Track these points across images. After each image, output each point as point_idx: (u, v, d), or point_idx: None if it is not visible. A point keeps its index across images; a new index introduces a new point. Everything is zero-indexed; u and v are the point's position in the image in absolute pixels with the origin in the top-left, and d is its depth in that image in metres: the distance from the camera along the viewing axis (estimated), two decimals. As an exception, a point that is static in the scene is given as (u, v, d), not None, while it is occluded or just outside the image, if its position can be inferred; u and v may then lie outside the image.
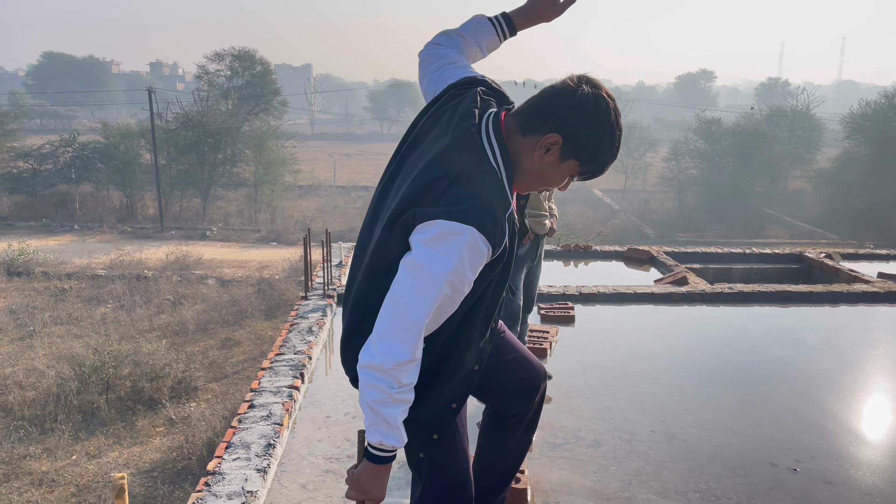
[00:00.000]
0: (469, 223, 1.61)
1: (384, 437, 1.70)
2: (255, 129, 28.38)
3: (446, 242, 1.62)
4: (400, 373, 1.65)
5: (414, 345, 1.65)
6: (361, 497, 1.79)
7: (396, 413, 1.68)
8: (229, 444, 3.20)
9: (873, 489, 3.12)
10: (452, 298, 1.70)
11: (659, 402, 4.00)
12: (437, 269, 1.62)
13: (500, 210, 1.68)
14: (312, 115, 73.92)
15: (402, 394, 1.67)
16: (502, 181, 1.71)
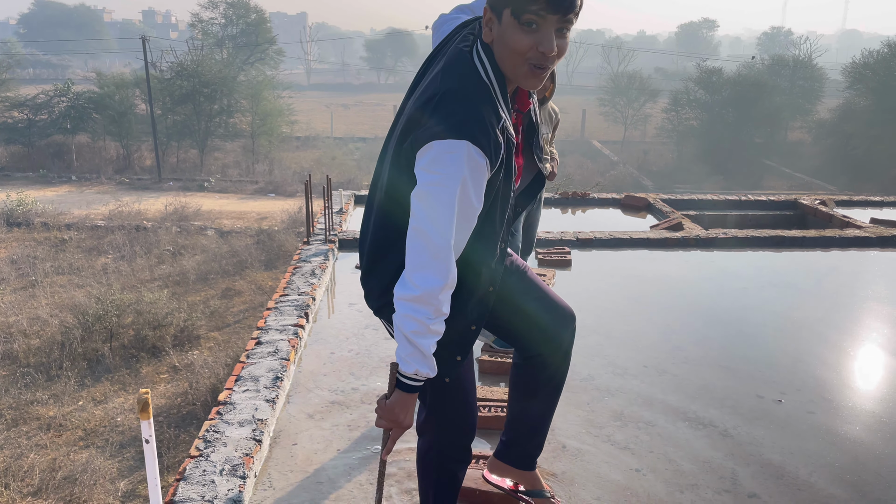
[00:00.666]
0: (462, 137, 1.61)
1: (419, 367, 1.75)
2: (250, 79, 28.12)
3: (445, 163, 1.63)
4: (439, 302, 1.69)
5: (446, 270, 1.68)
6: (392, 425, 1.87)
7: (430, 343, 1.74)
8: (239, 377, 3.33)
9: (853, 417, 3.27)
10: (467, 216, 1.70)
11: (651, 340, 4.13)
12: (444, 191, 1.63)
13: (491, 121, 1.66)
14: (308, 65, 72.94)
15: (437, 324, 1.72)
16: (492, 94, 1.69)
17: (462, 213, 1.68)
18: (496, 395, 3.24)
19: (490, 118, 1.66)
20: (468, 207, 1.68)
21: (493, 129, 1.66)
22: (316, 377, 3.59)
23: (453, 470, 2.08)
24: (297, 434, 3.06)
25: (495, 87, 1.70)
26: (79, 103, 25.05)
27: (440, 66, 1.76)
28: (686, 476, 2.80)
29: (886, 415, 3.31)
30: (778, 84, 31.19)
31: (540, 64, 1.64)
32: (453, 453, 2.07)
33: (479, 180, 1.67)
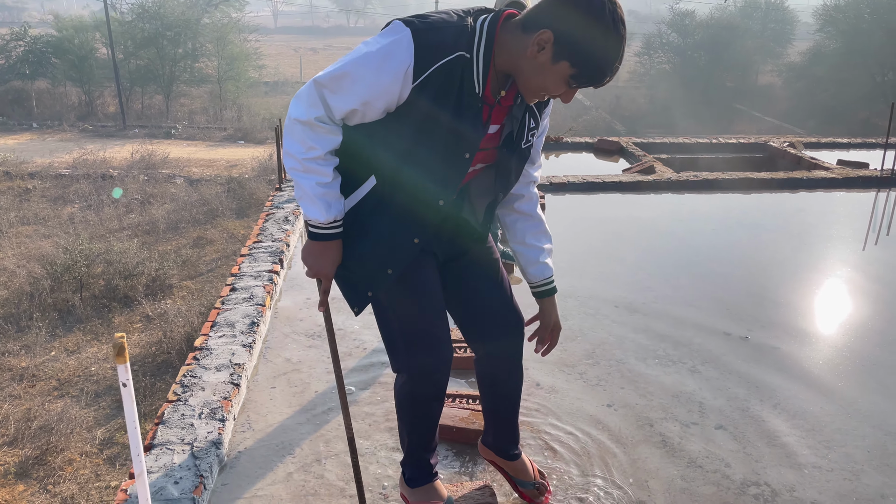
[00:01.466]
0: (406, 26, 1.66)
1: (306, 210, 1.79)
2: (215, 22, 27.21)
3: (382, 34, 1.70)
4: (302, 129, 1.71)
5: (310, 105, 1.70)
6: (311, 272, 1.90)
7: (311, 184, 1.75)
8: (214, 323, 3.33)
9: (816, 353, 3.39)
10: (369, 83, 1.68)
11: (623, 281, 4.20)
12: (363, 48, 1.69)
13: (447, 40, 1.67)
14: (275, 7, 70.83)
15: (310, 161, 1.73)
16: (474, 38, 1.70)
17: (367, 77, 1.67)
18: (471, 337, 3.28)
19: (447, 38, 1.68)
20: (372, 79, 1.67)
21: (444, 46, 1.67)
22: (292, 322, 3.60)
23: (426, 407, 2.06)
24: (276, 378, 3.09)
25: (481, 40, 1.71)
26: (37, 47, 24.13)
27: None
28: (655, 410, 2.89)
29: (847, 349, 3.42)
30: (750, 27, 31.08)
31: (549, 96, 1.78)
32: (424, 388, 2.02)
33: (391, 69, 1.66)
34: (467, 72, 1.70)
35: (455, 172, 1.84)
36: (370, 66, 1.66)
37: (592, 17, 1.61)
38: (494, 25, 1.71)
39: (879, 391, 3.07)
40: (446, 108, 1.72)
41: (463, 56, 1.69)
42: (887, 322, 3.73)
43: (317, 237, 1.83)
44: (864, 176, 6.41)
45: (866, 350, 3.42)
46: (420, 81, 1.68)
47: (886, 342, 3.50)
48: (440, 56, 1.67)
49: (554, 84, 1.69)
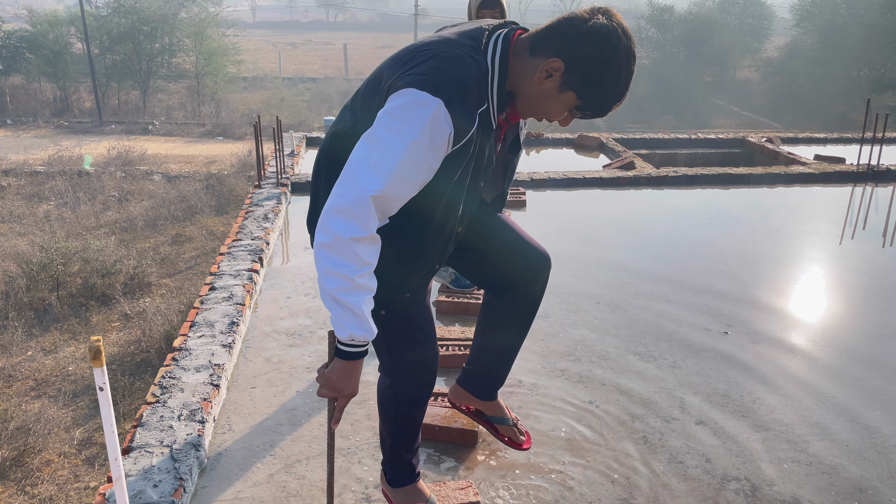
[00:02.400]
0: (438, 96, 1.54)
1: (353, 330, 1.63)
2: (192, 17, 26.92)
3: (411, 113, 1.54)
4: (357, 247, 1.57)
5: (367, 219, 1.56)
6: (334, 394, 1.76)
7: (361, 301, 1.61)
8: (193, 323, 3.30)
9: (795, 347, 3.42)
10: (411, 179, 1.60)
11: (604, 277, 4.22)
12: (398, 140, 1.54)
13: (474, 96, 1.60)
14: (253, 2, 70.26)
15: (363, 277, 1.60)
16: (488, 77, 1.63)
17: (411, 175, 1.58)
18: (454, 335, 3.28)
19: (474, 94, 1.60)
20: (417, 171, 1.59)
21: (473, 105, 1.60)
22: (273, 321, 3.58)
23: (411, 410, 2.05)
24: (256, 378, 3.07)
25: (494, 78, 1.64)
26: (10, 42, 23.73)
27: (454, 28, 1.73)
28: (637, 406, 2.90)
29: (826, 343, 3.46)
30: (728, 22, 31.34)
31: (547, 120, 1.72)
32: (410, 393, 2.02)
33: (438, 146, 1.58)
34: (487, 116, 1.66)
35: (473, 198, 1.85)
36: (421, 153, 1.56)
37: (609, 54, 1.57)
38: (506, 57, 1.65)
39: (857, 384, 3.10)
40: (474, 157, 1.70)
41: (485, 108, 1.65)
42: (864, 315, 3.78)
43: (352, 356, 1.69)
44: (840, 171, 6.49)
45: (844, 344, 3.46)
46: (461, 144, 1.62)
47: (864, 335, 3.54)
48: (474, 115, 1.61)
49: (556, 111, 1.66)
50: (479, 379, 2.26)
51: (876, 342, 3.49)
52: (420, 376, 2.02)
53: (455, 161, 1.65)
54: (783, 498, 2.40)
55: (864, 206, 5.86)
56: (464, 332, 3.31)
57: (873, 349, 3.42)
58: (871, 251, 4.81)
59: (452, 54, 1.61)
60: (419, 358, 1.99)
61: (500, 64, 1.64)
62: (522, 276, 2.06)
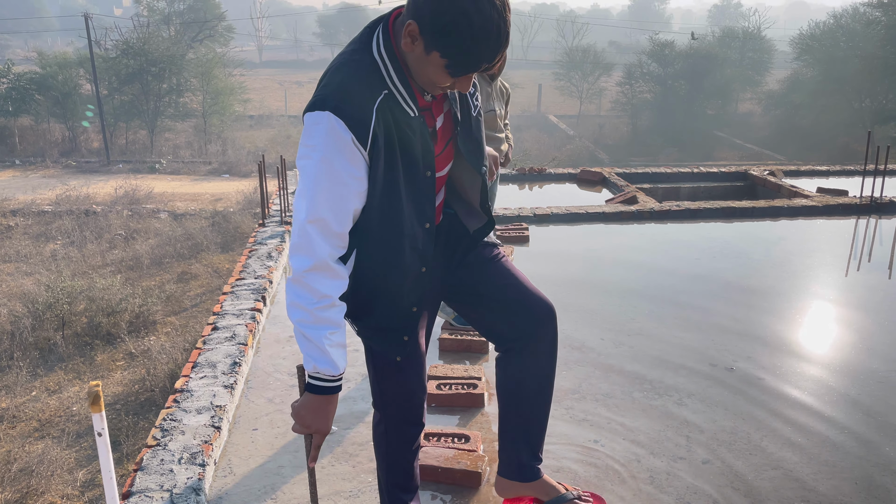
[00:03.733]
0: (325, 109, 1.59)
1: (317, 363, 1.66)
2: (200, 57, 27.37)
3: (311, 134, 1.61)
4: (311, 280, 1.62)
5: (310, 249, 1.61)
6: (306, 430, 1.74)
7: (323, 335, 1.64)
8: (195, 364, 3.29)
9: (801, 383, 3.38)
10: (342, 193, 1.62)
11: (608, 313, 4.20)
12: (308, 164, 1.61)
13: (363, 93, 1.61)
14: (260, 42, 71.37)
15: (322, 310, 1.63)
16: (381, 69, 1.64)
17: (334, 189, 1.61)
18: (457, 373, 3.26)
19: (361, 90, 1.61)
20: (339, 184, 1.62)
21: (365, 102, 1.61)
22: (275, 361, 3.56)
23: (401, 448, 2.06)
24: (257, 419, 3.04)
25: (388, 65, 1.65)
26: (20, 84, 24.11)
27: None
28: (643, 445, 2.87)
29: (833, 380, 3.42)
30: (728, 56, 31.67)
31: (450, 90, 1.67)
32: (399, 431, 2.04)
33: (346, 154, 1.60)
34: (395, 104, 1.66)
35: (425, 199, 1.78)
36: (334, 166, 1.60)
37: (448, 2, 1.50)
38: (389, 41, 1.64)
39: (865, 422, 3.06)
40: (396, 150, 1.67)
41: (385, 94, 1.64)
42: (872, 351, 3.75)
43: (321, 391, 1.69)
44: (844, 203, 6.49)
45: (852, 380, 3.42)
46: (369, 144, 1.62)
47: (871, 371, 3.50)
48: (369, 109, 1.61)
49: (437, 75, 1.60)
50: (514, 459, 2.12)
51: (885, 378, 3.45)
52: (405, 415, 2.02)
53: (377, 160, 1.65)
54: (793, 539, 2.35)
55: (868, 239, 5.84)
56: (467, 371, 3.29)
57: (882, 384, 3.38)
58: (877, 284, 4.78)
59: (335, 66, 1.67)
60: (404, 397, 2.00)
61: (387, 52, 1.64)
62: (525, 324, 2.00)
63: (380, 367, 1.97)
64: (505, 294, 2.00)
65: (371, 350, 1.96)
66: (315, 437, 1.76)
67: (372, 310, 1.83)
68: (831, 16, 28.22)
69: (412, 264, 1.81)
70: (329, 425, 1.75)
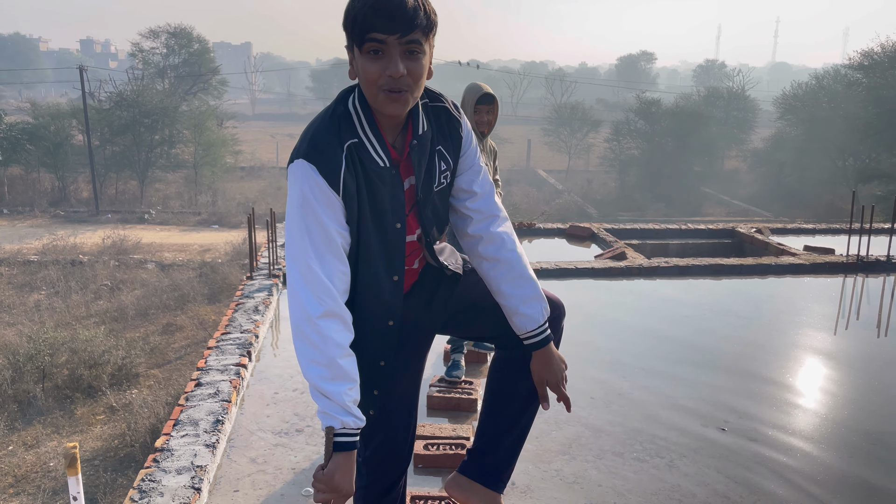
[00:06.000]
0: (299, 157, 1.66)
1: (343, 417, 1.62)
2: (193, 109, 27.68)
3: (290, 185, 1.68)
4: (320, 325, 1.60)
5: (307, 297, 1.61)
6: (333, 495, 1.67)
7: (343, 391, 1.61)
8: (177, 422, 3.20)
9: (793, 445, 3.33)
10: (325, 238, 1.64)
11: (597, 372, 4.16)
12: (291, 213, 1.66)
13: (332, 141, 1.66)
14: (253, 95, 72.39)
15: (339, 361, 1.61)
16: (353, 119, 1.70)
17: (317, 235, 1.64)
18: (444, 433, 3.19)
19: (332, 138, 1.67)
20: (321, 229, 1.64)
21: (332, 146, 1.66)
22: (259, 419, 3.48)
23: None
24: (239, 480, 2.95)
25: (360, 116, 1.71)
26: (12, 134, 24.22)
27: None
28: (634, 510, 2.80)
29: (825, 440, 3.38)
30: (713, 114, 32.33)
31: (392, 87, 1.63)
32: (377, 490, 1.98)
33: (322, 199, 1.64)
34: (364, 153, 1.69)
35: (394, 251, 1.78)
36: (312, 209, 1.64)
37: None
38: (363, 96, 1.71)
39: (858, 483, 3.01)
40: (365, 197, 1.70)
41: (353, 143, 1.68)
42: (863, 410, 3.71)
43: (348, 447, 1.64)
44: (830, 262, 6.53)
45: (844, 440, 3.37)
46: (342, 188, 1.66)
47: (863, 432, 3.46)
48: (337, 155, 1.66)
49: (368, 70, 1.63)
50: (486, 460, 2.11)
51: (876, 439, 3.41)
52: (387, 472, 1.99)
53: (349, 208, 1.68)
54: None
55: (855, 297, 5.86)
56: (455, 430, 3.22)
57: (874, 446, 3.33)
58: (865, 343, 4.77)
59: (312, 121, 1.75)
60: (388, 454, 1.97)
61: (360, 102, 1.71)
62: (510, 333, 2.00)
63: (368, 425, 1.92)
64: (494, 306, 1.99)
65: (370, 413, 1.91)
66: (336, 501, 1.69)
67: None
68: (813, 77, 28.98)
69: (379, 317, 1.79)
70: (353, 485, 1.69)
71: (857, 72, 22.88)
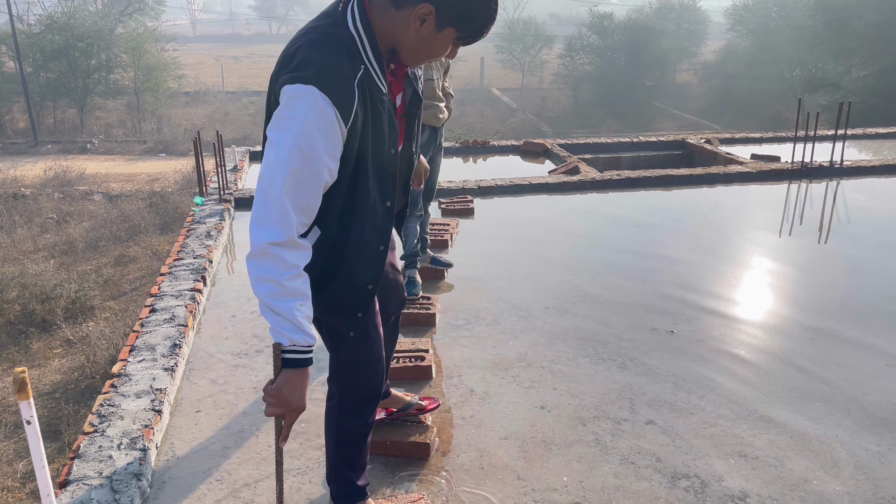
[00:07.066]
0: (309, 83, 1.58)
1: (292, 335, 1.64)
2: (130, 32, 26.32)
3: (291, 107, 1.60)
4: (280, 251, 1.61)
5: (280, 224, 1.60)
6: (284, 409, 1.71)
7: (293, 307, 1.63)
8: (133, 347, 3.19)
9: (738, 342, 3.49)
10: (315, 169, 1.62)
11: (552, 282, 4.24)
12: (286, 137, 1.59)
13: (346, 71, 1.63)
14: (193, 16, 69.10)
15: (291, 280, 1.63)
16: (357, 44, 1.67)
17: (310, 163, 1.61)
18: (404, 346, 3.25)
19: (345, 68, 1.63)
20: (315, 160, 1.61)
21: (348, 80, 1.63)
22: (217, 342, 3.49)
23: (353, 424, 2.05)
24: (200, 401, 2.98)
25: (363, 40, 1.69)
26: (-64, 62, 22.83)
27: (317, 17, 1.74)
28: (588, 409, 2.92)
29: (768, 337, 3.54)
30: (665, 28, 32.11)
31: (436, 59, 1.78)
32: (353, 406, 2.04)
33: (327, 130, 1.61)
34: (371, 80, 1.69)
35: (388, 177, 1.83)
36: (311, 141, 1.60)
37: None
38: (366, 16, 1.70)
39: (799, 377, 3.18)
40: (369, 125, 1.72)
41: (363, 69, 1.67)
42: (804, 308, 3.89)
43: (297, 363, 1.68)
44: (776, 169, 6.68)
45: (786, 336, 3.54)
46: (351, 120, 1.65)
47: (804, 328, 3.64)
48: (351, 85, 1.64)
49: (440, 49, 1.73)
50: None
51: (815, 334, 3.58)
52: (362, 393, 2.05)
53: (353, 137, 1.68)
54: (732, 493, 2.43)
55: (799, 203, 6.04)
56: (414, 344, 3.28)
57: (812, 341, 3.51)
58: (808, 245, 4.95)
59: (312, 40, 1.66)
60: (364, 375, 2.03)
61: (363, 27, 1.69)
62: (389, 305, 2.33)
63: (336, 341, 1.98)
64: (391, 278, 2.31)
65: (325, 326, 1.97)
66: (289, 415, 1.73)
67: (327, 285, 1.84)
68: (763, -14, 28.85)
69: (371, 241, 1.84)
70: (305, 401, 1.74)
71: (806, -20, 22.81)
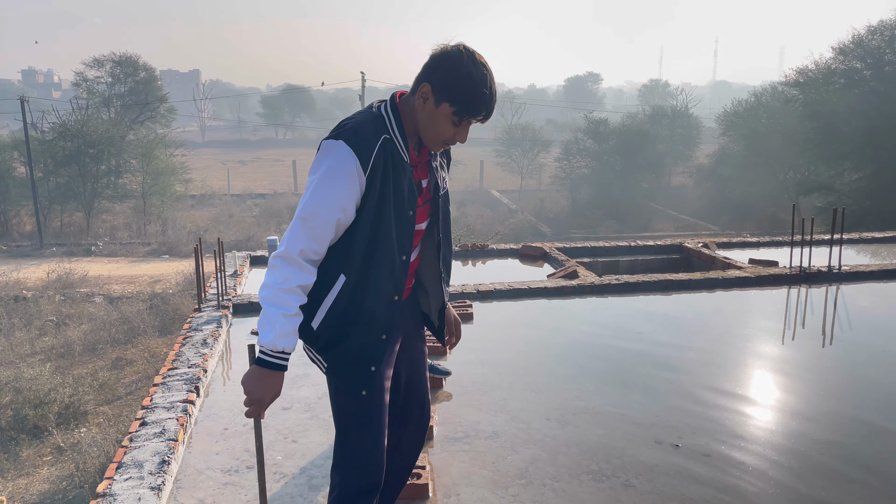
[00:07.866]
0: (339, 138, 1.98)
1: (263, 336, 1.93)
2: (140, 138, 27.14)
3: (322, 157, 1.99)
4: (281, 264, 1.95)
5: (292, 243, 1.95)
6: (250, 398, 1.96)
7: (277, 312, 1.92)
8: (120, 464, 3.09)
9: (746, 457, 3.38)
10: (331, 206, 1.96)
11: (552, 391, 4.16)
12: (313, 178, 1.97)
13: (370, 133, 2.00)
14: (203, 122, 71.48)
15: (282, 291, 1.92)
16: (385, 121, 2.04)
17: (327, 202, 1.95)
18: (399, 462, 3.14)
19: (369, 131, 2.00)
20: (333, 199, 1.95)
21: (370, 138, 1.99)
22: (207, 457, 3.38)
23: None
24: (187, 522, 2.86)
25: (391, 119, 2.05)
26: (-51, 168, 23.41)
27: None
28: (591, 532, 2.79)
29: (778, 450, 3.43)
30: (659, 132, 33.12)
31: (450, 143, 2.11)
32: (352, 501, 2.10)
33: (347, 175, 1.95)
34: (393, 148, 2.03)
35: (405, 235, 2.10)
36: (334, 181, 1.94)
37: (453, 61, 1.98)
38: (395, 103, 2.08)
39: (810, 494, 3.06)
40: (390, 182, 2.02)
41: (386, 138, 2.02)
42: (814, 420, 3.79)
43: (261, 363, 1.96)
44: (774, 274, 6.70)
45: (794, 451, 3.43)
46: (369, 170, 1.97)
47: (818, 441, 3.53)
48: (373, 144, 1.98)
49: (444, 126, 2.03)
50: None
51: (825, 448, 3.48)
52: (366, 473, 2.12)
53: (371, 188, 2.00)
54: None
55: (800, 308, 6.02)
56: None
57: (823, 456, 3.40)
58: (811, 352, 4.89)
59: (350, 117, 2.08)
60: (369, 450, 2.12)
61: (392, 112, 2.07)
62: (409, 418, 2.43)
63: (344, 404, 2.12)
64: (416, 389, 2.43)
65: (337, 388, 2.13)
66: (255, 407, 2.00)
67: (344, 336, 2.06)
68: (752, 94, 29.92)
69: (387, 290, 2.09)
70: (268, 401, 1.99)
71: (793, 88, 23.66)
